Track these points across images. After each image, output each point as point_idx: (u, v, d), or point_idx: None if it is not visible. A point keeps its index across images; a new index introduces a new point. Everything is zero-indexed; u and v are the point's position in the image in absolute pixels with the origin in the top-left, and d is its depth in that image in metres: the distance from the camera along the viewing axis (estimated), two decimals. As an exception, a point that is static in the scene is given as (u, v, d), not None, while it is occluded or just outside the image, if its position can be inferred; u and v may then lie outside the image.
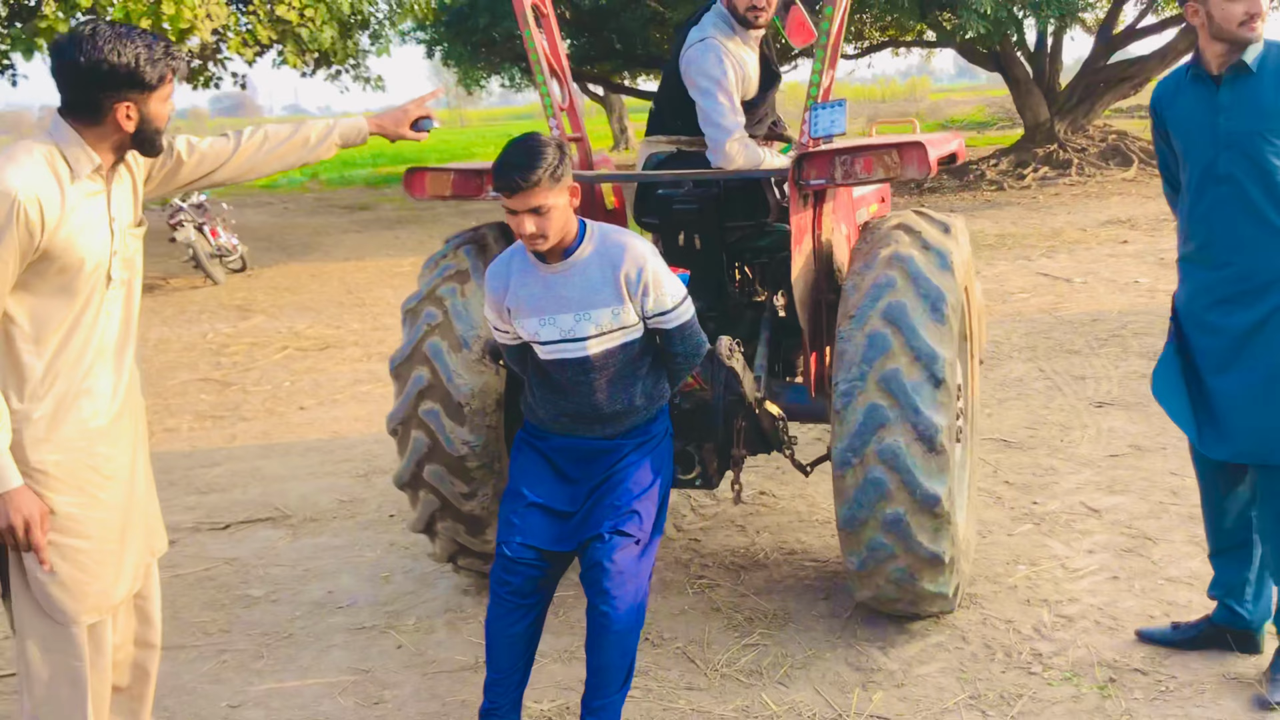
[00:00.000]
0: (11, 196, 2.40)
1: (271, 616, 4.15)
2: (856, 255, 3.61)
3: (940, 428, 3.27)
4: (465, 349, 3.73)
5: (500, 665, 3.03)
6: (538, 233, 2.80)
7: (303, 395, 7.52)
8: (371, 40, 15.79)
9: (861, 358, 3.35)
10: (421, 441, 3.76)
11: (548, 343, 2.95)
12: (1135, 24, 19.44)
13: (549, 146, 2.79)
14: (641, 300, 2.91)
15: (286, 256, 14.59)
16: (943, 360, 3.30)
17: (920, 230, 3.57)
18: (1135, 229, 12.29)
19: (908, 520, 3.31)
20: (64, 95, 2.59)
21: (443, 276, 3.87)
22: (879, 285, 3.42)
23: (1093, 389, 6.36)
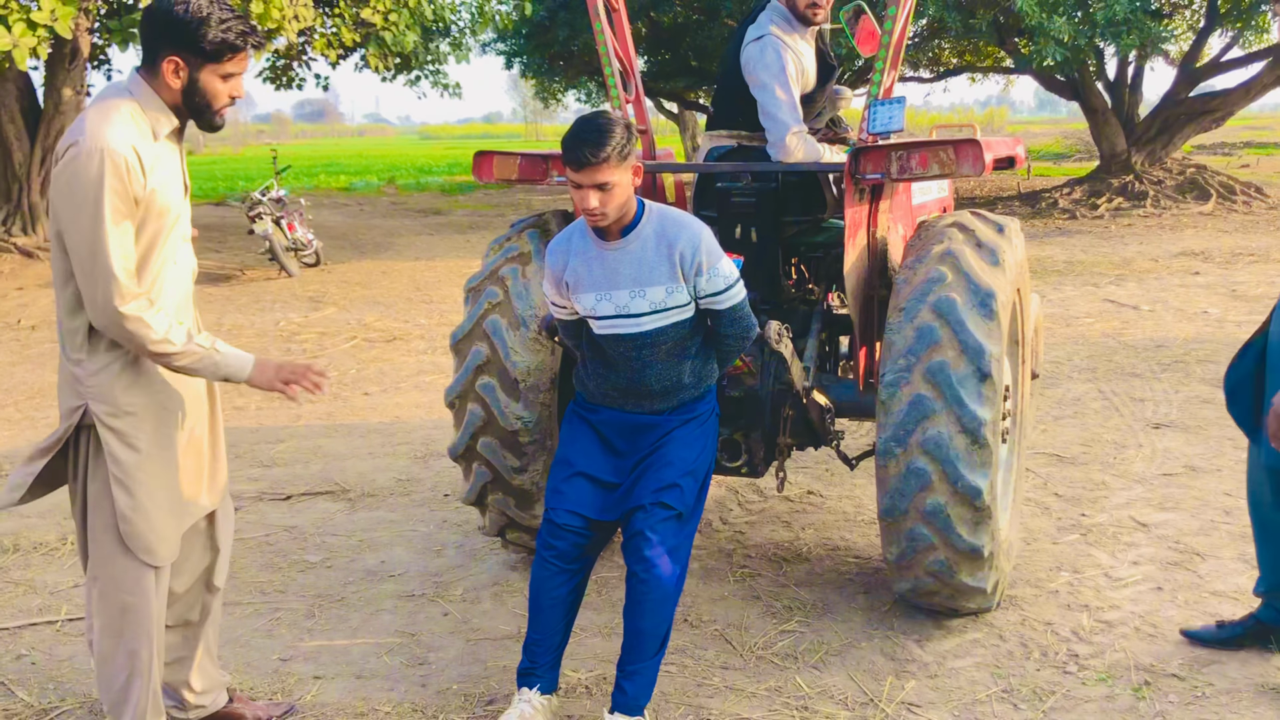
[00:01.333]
0: (116, 154, 2.53)
1: (325, 581, 4.30)
2: (910, 251, 3.67)
3: (984, 421, 3.31)
4: (523, 327, 3.85)
5: (542, 626, 3.12)
6: (599, 208, 2.89)
7: (368, 382, 7.72)
8: (452, 48, 16.11)
9: (909, 349, 3.41)
10: (477, 414, 3.89)
11: (603, 318, 3.04)
12: (1220, 57, 19.14)
13: (618, 125, 2.88)
14: (695, 280, 2.98)
15: (359, 254, 14.93)
16: (989, 354, 3.34)
17: (974, 229, 3.62)
18: (1208, 261, 12.10)
19: (948, 511, 3.35)
20: (141, 44, 2.74)
21: (505, 257, 4.00)
22: (930, 280, 3.47)
23: (1151, 411, 6.31)
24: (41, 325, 9.94)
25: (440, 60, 15.91)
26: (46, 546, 4.66)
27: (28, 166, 13.80)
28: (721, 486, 5.20)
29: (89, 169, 2.51)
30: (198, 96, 2.69)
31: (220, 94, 2.71)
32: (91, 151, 2.52)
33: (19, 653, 3.70)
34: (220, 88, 2.70)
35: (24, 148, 13.75)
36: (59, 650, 3.71)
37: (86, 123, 2.58)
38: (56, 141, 13.66)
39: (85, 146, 2.53)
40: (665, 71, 24.81)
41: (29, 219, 13.89)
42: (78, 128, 2.59)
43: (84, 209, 2.53)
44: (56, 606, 4.06)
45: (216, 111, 2.73)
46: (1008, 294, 3.50)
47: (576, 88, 27.34)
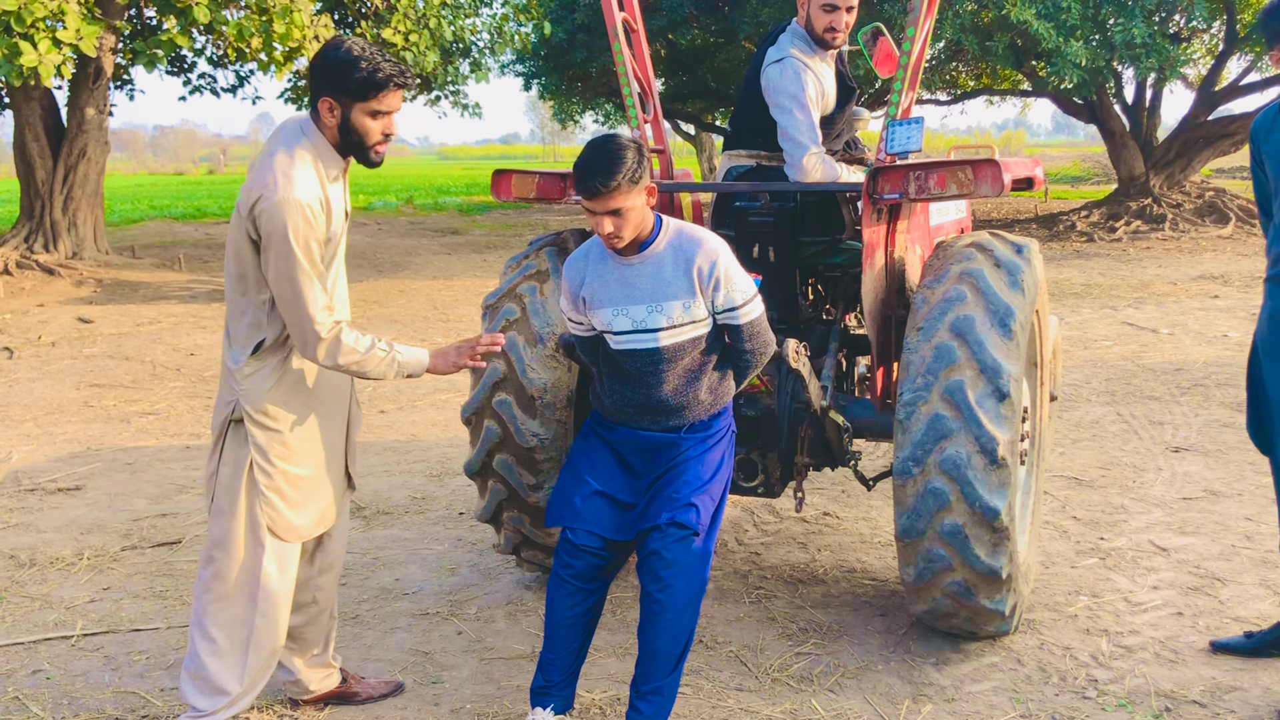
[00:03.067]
0: (304, 204, 2.81)
1: (340, 598, 4.29)
2: (928, 270, 3.65)
3: (1002, 441, 3.29)
4: (541, 344, 3.85)
5: (557, 646, 3.11)
6: (615, 233, 2.90)
7: (384, 400, 7.73)
8: (472, 69, 16.22)
9: (927, 368, 3.39)
10: (493, 431, 3.89)
11: (620, 333, 3.02)
12: (1238, 81, 19.09)
13: (628, 149, 2.86)
14: (712, 295, 2.97)
15: (377, 273, 14.99)
16: (1008, 374, 3.32)
17: (993, 249, 3.60)
18: (1228, 285, 12.04)
19: (966, 532, 3.32)
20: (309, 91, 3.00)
21: (523, 275, 4.01)
22: (948, 299, 3.46)
23: (1170, 434, 6.26)
24: (61, 342, 10.01)
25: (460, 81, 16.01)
26: (63, 561, 4.67)
27: (50, 184, 13.94)
28: (737, 507, 5.18)
29: (282, 218, 2.78)
30: (352, 134, 2.91)
31: (372, 131, 2.91)
32: (284, 202, 2.78)
33: (35, 668, 3.70)
34: (371, 125, 2.90)
35: (46, 166, 13.89)
36: (74, 666, 3.72)
37: (276, 171, 2.82)
38: (79, 160, 13.86)
39: (278, 197, 2.78)
40: (683, 93, 24.94)
41: (51, 236, 14.01)
42: (266, 172, 2.82)
43: (282, 255, 2.81)
44: (72, 621, 4.06)
45: (371, 148, 2.94)
46: (1026, 314, 3.48)
47: (594, 109, 27.52)
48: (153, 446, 6.60)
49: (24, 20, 8.88)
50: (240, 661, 3.06)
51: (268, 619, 3.06)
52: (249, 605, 3.05)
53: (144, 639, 3.93)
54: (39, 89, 12.85)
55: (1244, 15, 17.18)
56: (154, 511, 5.36)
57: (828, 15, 4.01)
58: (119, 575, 4.52)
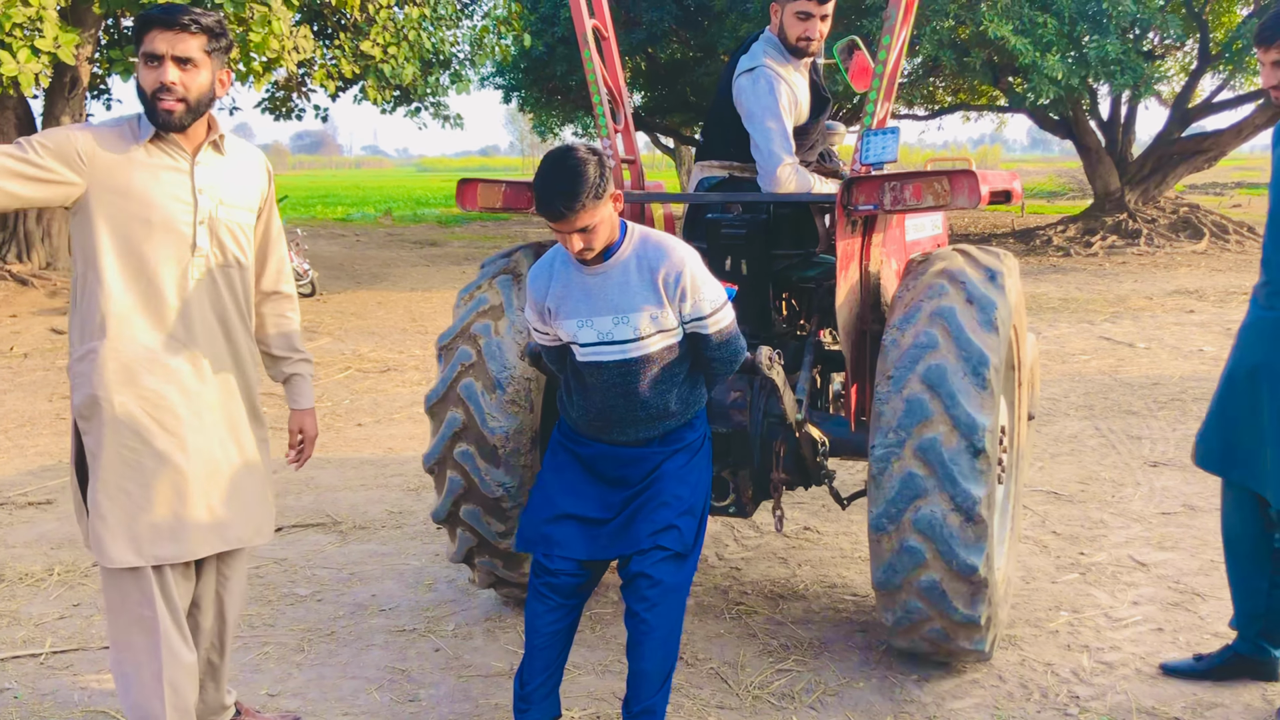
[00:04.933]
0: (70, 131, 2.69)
1: (315, 614, 4.24)
2: (897, 304, 3.52)
3: (979, 499, 3.20)
4: (499, 390, 3.72)
5: (537, 661, 3.06)
6: (586, 247, 2.81)
7: (361, 413, 7.67)
8: (452, 80, 16.19)
9: (898, 423, 3.29)
10: (457, 482, 3.79)
11: (586, 345, 2.94)
12: (1211, 98, 19.31)
13: (588, 163, 2.73)
14: (680, 304, 2.89)
15: (355, 284, 14.92)
16: (983, 428, 3.22)
17: (965, 281, 3.45)
18: (1203, 300, 12.13)
19: (944, 588, 3.28)
20: None
21: (476, 312, 3.88)
22: (919, 345, 3.34)
23: (1148, 449, 6.28)
24: (34, 353, 9.89)
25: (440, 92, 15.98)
26: (32, 577, 4.59)
27: (24, 194, 13.77)
28: (718, 522, 5.15)
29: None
30: (139, 92, 2.72)
31: (145, 79, 2.68)
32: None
33: (2, 686, 3.63)
34: (145, 74, 2.68)
35: (20, 175, 13.72)
36: (43, 684, 3.64)
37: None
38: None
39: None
40: (662, 107, 24.99)
41: (24, 246, 13.87)
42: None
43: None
44: (41, 639, 3.99)
45: (151, 102, 2.69)
46: (1001, 355, 3.37)
47: (574, 122, 27.52)
48: (126, 460, 6.51)
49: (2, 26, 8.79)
50: (155, 692, 2.84)
51: (132, 656, 2.83)
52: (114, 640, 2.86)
53: (115, 657, 3.85)
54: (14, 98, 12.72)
55: (1217, 33, 17.40)
56: (126, 526, 5.28)
57: (801, 23, 3.95)
58: (89, 591, 4.44)
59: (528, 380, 3.75)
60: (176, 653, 2.85)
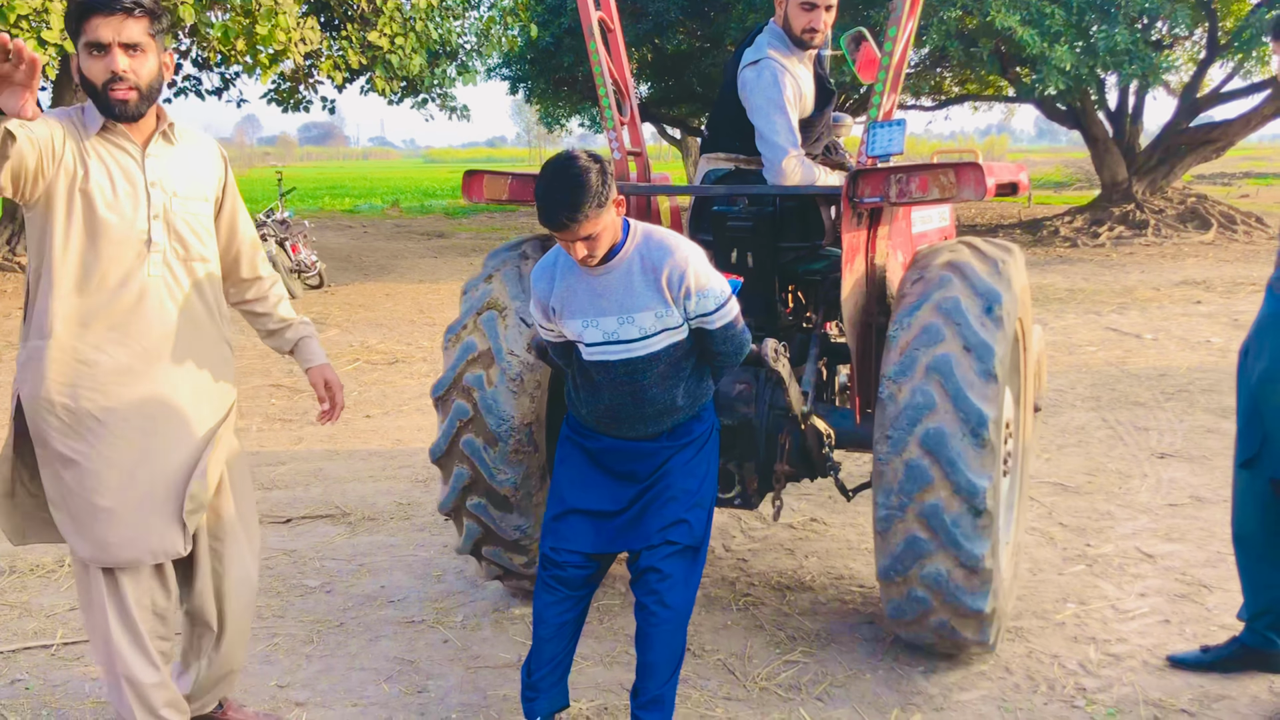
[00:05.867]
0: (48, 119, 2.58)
1: (325, 606, 4.26)
2: (903, 297, 3.53)
3: (984, 490, 3.21)
4: (505, 381, 3.73)
5: (545, 652, 3.08)
6: (589, 254, 2.80)
7: (369, 405, 7.69)
8: (459, 71, 16.17)
9: (903, 416, 3.30)
10: (463, 473, 3.80)
11: (592, 344, 2.95)
12: (1220, 88, 19.22)
13: (590, 171, 2.70)
14: (684, 302, 2.88)
15: (363, 276, 14.94)
16: (988, 421, 3.23)
17: (970, 273, 3.46)
18: (1210, 290, 12.10)
19: (949, 579, 3.29)
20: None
21: (483, 304, 3.89)
22: (923, 338, 3.34)
23: (1155, 440, 6.28)
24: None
25: (447, 84, 15.97)
26: (43, 569, 4.62)
27: (32, 186, 13.80)
28: (725, 514, 5.16)
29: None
30: (85, 84, 2.60)
31: (93, 70, 2.56)
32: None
33: (13, 677, 3.66)
34: (91, 65, 2.56)
35: (29, 168, 13.75)
36: (53, 675, 3.67)
37: None
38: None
39: None
40: (669, 98, 24.95)
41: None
42: None
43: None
44: (52, 630, 4.01)
45: (103, 93, 2.59)
46: (1006, 348, 3.37)
47: (580, 113, 27.48)
48: (135, 452, 6.54)
49: (6, 18, 8.80)
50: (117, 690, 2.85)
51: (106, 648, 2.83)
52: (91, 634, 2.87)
53: (126, 648, 3.88)
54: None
55: (1225, 22, 17.30)
56: (136, 518, 5.31)
57: (806, 14, 3.93)
58: (100, 583, 4.46)
59: (534, 371, 3.76)
60: (129, 663, 2.82)
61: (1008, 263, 3.55)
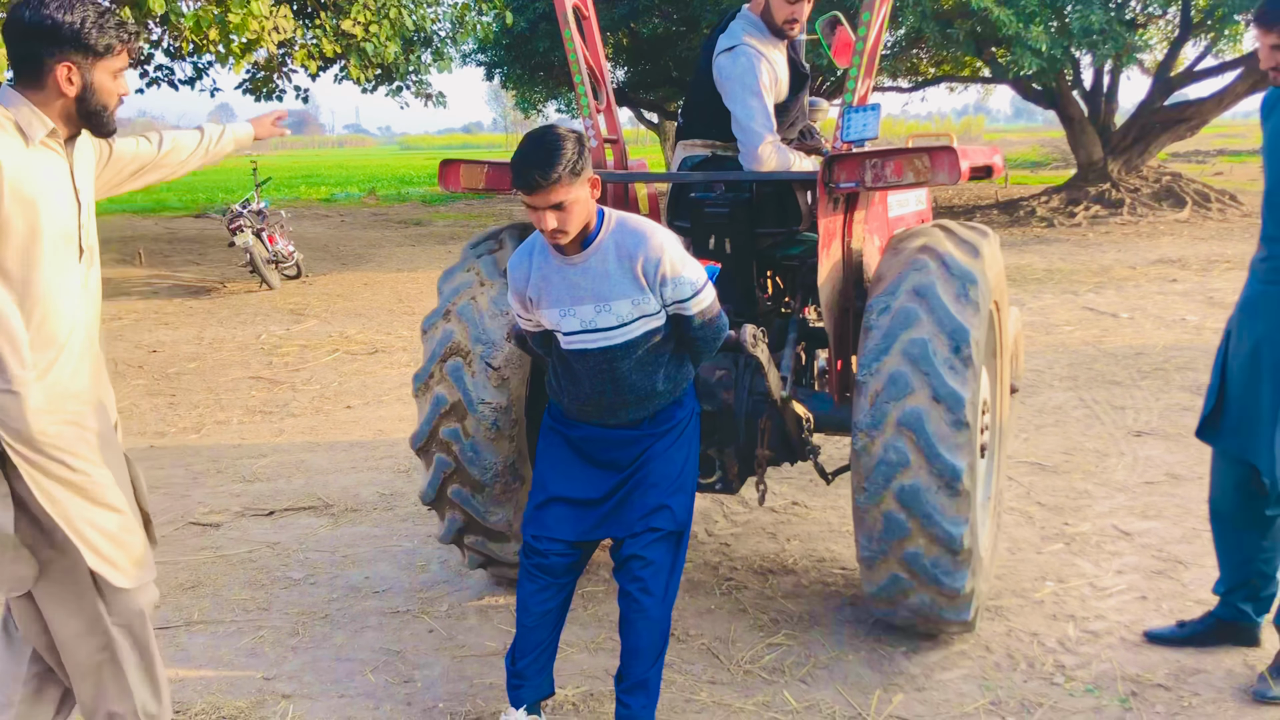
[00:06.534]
0: None
1: (309, 598, 4.26)
2: (879, 280, 3.56)
3: (962, 470, 3.25)
4: (485, 369, 3.74)
5: (529, 640, 3.11)
6: (559, 228, 2.79)
7: (350, 395, 7.68)
8: (434, 57, 16.07)
9: (881, 397, 3.33)
10: (444, 462, 3.81)
11: (570, 333, 2.96)
12: (1194, 66, 19.32)
13: (567, 140, 2.74)
14: (660, 289, 2.89)
15: (341, 266, 14.87)
16: (964, 401, 3.26)
17: (945, 256, 3.50)
18: (1185, 269, 12.20)
19: (927, 558, 3.33)
20: (11, 58, 2.57)
21: (460, 292, 3.89)
22: (900, 320, 3.38)
23: (1132, 419, 6.34)
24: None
25: (423, 71, 15.87)
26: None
27: (4, 180, 13.65)
28: (707, 498, 5.19)
29: None
30: (91, 97, 2.59)
31: (110, 91, 2.62)
32: None
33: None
34: (109, 84, 2.62)
35: (0, 161, 13.60)
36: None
37: None
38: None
39: None
40: (645, 82, 24.88)
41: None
42: None
43: None
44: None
45: (109, 110, 2.64)
46: (981, 329, 3.40)
47: (557, 98, 27.37)
48: (115, 446, 6.51)
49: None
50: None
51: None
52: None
53: (110, 643, 3.88)
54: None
55: (1199, 1, 17.38)
56: (118, 513, 5.29)
57: (790, 6, 3.95)
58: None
59: (513, 357, 3.76)
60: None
61: (982, 245, 3.59)
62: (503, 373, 3.74)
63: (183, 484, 5.75)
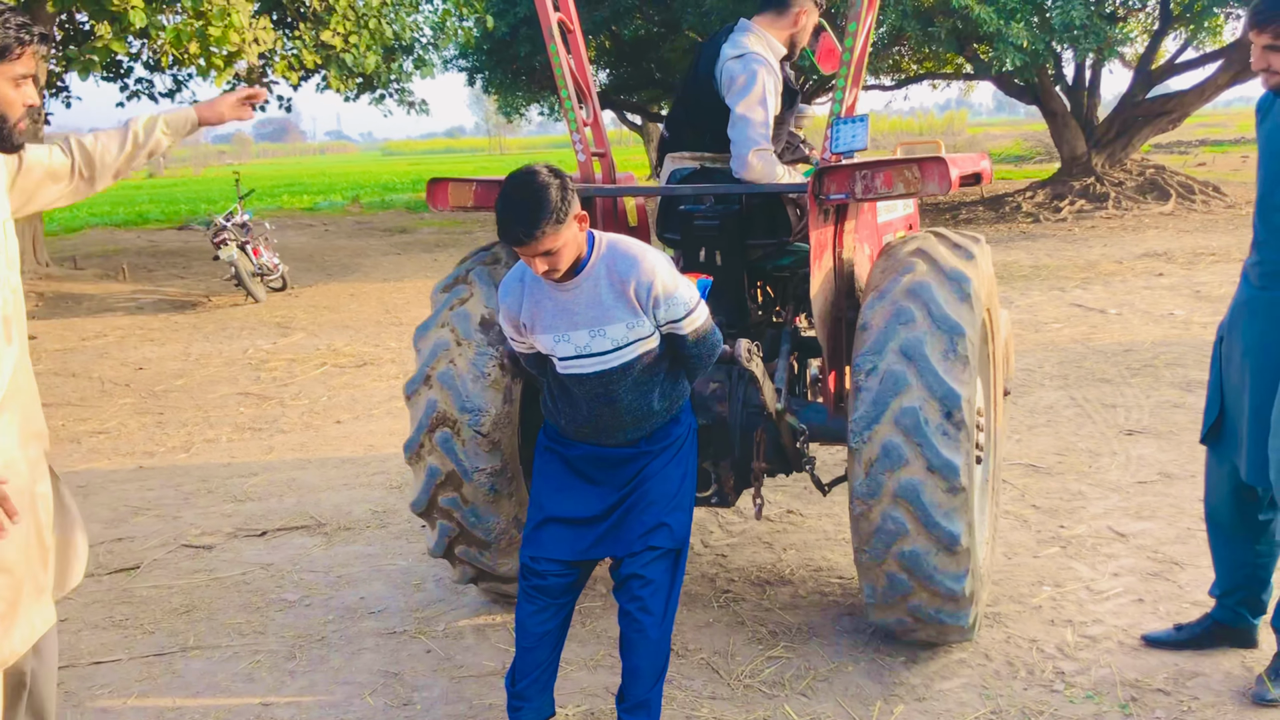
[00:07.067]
0: None
1: (305, 620, 4.24)
2: (873, 284, 3.57)
3: (959, 466, 3.25)
4: (479, 377, 3.72)
5: (529, 661, 3.09)
6: (551, 269, 2.79)
7: (339, 410, 7.64)
8: (415, 65, 16.05)
9: (877, 395, 3.33)
10: (436, 469, 3.78)
11: (565, 358, 2.95)
12: (1175, 59, 19.41)
13: (550, 187, 2.70)
14: (654, 311, 2.89)
15: (326, 276, 14.82)
16: (960, 398, 3.26)
17: (938, 258, 3.52)
18: (1171, 262, 12.24)
19: (926, 558, 3.32)
20: None
21: (455, 301, 3.87)
22: (895, 319, 3.38)
23: (1123, 417, 6.36)
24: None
25: (405, 79, 15.84)
26: None
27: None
28: (701, 509, 5.17)
29: None
30: None
31: (11, 100, 2.44)
32: None
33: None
34: (9, 93, 2.43)
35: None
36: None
37: None
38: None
39: None
40: (628, 84, 24.91)
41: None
42: None
43: None
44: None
45: (14, 126, 2.46)
46: (976, 329, 3.40)
47: (540, 102, 27.36)
48: (104, 468, 6.47)
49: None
50: None
51: None
52: None
53: (105, 672, 3.85)
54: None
55: (1178, -6, 17.45)
56: (110, 536, 5.26)
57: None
58: (76, 605, 4.42)
59: (502, 419, 3.76)
60: None
61: (975, 249, 3.61)
62: (493, 437, 3.72)
63: (173, 505, 5.71)
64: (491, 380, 3.73)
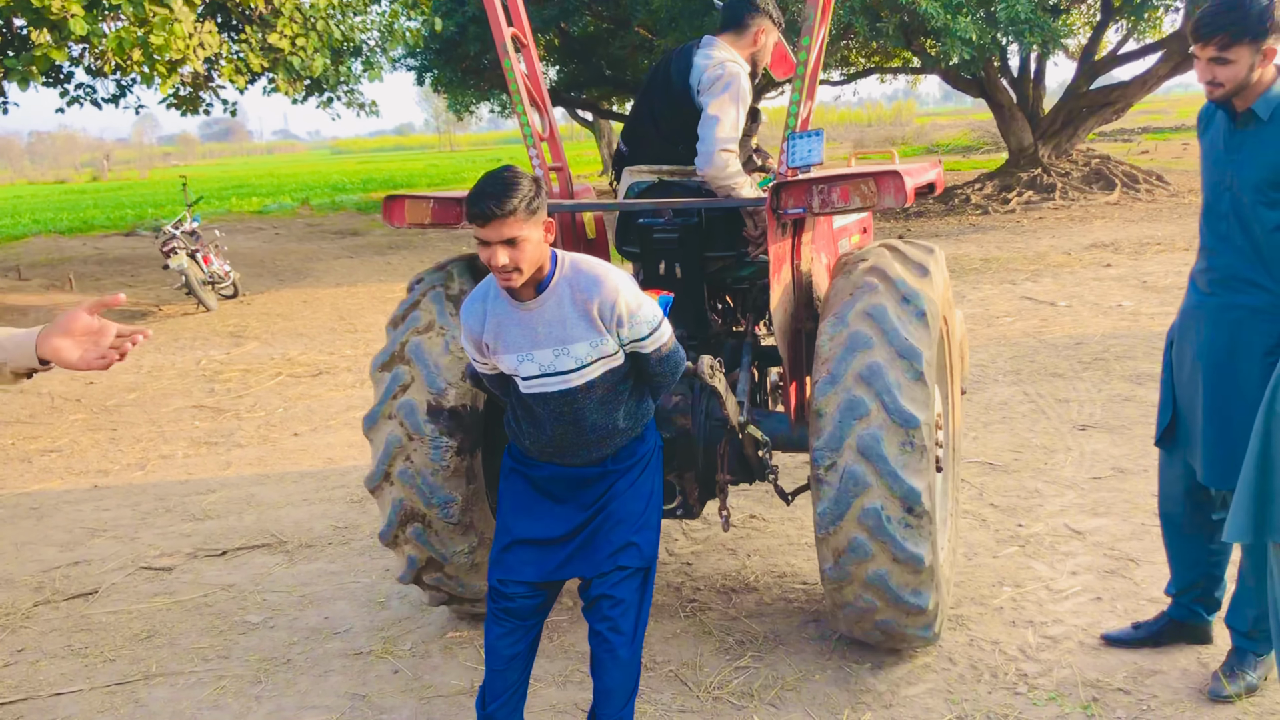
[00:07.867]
0: None
1: (269, 642, 4.20)
2: (829, 304, 3.59)
3: (921, 491, 3.28)
4: (439, 412, 3.72)
5: (499, 682, 3.07)
6: (511, 265, 2.77)
7: (296, 421, 7.57)
8: (364, 67, 15.88)
9: (838, 422, 3.35)
10: (400, 500, 3.78)
11: (528, 378, 2.95)
12: (1117, 50, 19.72)
13: (525, 179, 2.78)
14: (617, 330, 2.89)
15: (278, 282, 14.66)
16: (920, 423, 3.30)
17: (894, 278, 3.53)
18: (1119, 253, 12.45)
19: (891, 580, 3.35)
20: None
21: (411, 330, 3.85)
22: (853, 344, 3.40)
23: (1076, 412, 6.46)
24: None
25: (353, 81, 15.68)
26: None
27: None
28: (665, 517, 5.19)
29: None
30: None
31: None
32: None
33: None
34: None
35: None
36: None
37: None
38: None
39: None
40: (578, 81, 24.86)
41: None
42: None
43: None
44: (-13, 690, 3.90)
45: None
46: (933, 348, 3.43)
47: (490, 99, 27.23)
48: (58, 488, 6.37)
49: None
50: None
51: None
52: None
53: (66, 703, 3.80)
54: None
55: (1119, -14, 17.72)
56: (65, 560, 5.18)
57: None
58: (33, 634, 4.35)
59: (472, 497, 3.78)
60: None
61: (929, 263, 3.63)
62: (465, 521, 3.77)
63: (130, 526, 5.63)
64: (452, 470, 3.74)
